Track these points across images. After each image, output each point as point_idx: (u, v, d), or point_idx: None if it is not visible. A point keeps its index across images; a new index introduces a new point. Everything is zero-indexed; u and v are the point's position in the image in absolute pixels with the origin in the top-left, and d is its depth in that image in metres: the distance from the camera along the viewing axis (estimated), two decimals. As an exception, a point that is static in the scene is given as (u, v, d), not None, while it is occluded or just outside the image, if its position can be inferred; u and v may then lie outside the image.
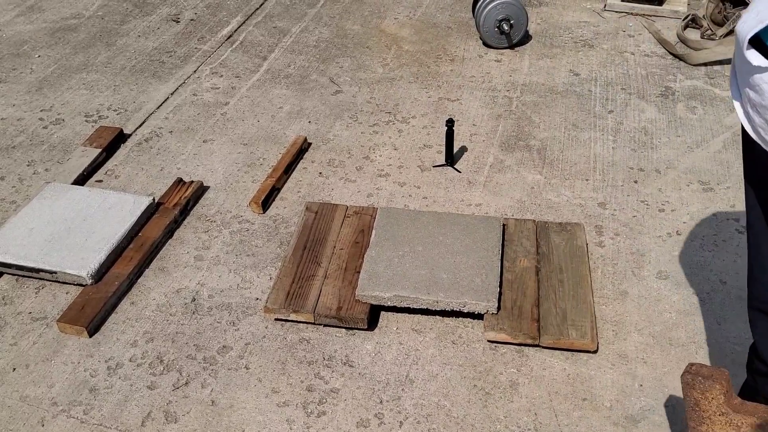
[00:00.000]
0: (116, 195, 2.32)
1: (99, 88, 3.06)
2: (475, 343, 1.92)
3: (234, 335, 1.95)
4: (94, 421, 1.74)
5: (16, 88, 3.07)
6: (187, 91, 3.04)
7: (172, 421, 1.74)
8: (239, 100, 2.97)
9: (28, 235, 2.16)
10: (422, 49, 3.29)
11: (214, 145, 2.71)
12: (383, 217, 2.18)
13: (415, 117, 2.84)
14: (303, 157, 2.64)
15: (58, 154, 2.68)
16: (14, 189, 2.51)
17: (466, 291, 1.92)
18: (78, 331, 1.94)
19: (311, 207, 2.30)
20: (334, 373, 1.84)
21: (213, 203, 2.43)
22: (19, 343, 1.95)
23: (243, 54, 3.30)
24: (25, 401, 1.80)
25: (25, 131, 2.81)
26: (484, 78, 3.06)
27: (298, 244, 2.16)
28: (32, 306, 2.06)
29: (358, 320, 1.92)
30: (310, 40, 3.40)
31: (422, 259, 2.02)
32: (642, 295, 2.03)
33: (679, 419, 1.71)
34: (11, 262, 2.08)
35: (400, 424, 1.72)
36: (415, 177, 2.52)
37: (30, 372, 1.87)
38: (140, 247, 2.18)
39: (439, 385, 1.81)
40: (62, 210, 2.25)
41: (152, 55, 3.31)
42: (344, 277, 2.04)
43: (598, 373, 1.82)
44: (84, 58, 3.28)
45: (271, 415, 1.75)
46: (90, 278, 2.04)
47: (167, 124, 2.84)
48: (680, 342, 1.90)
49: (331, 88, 3.04)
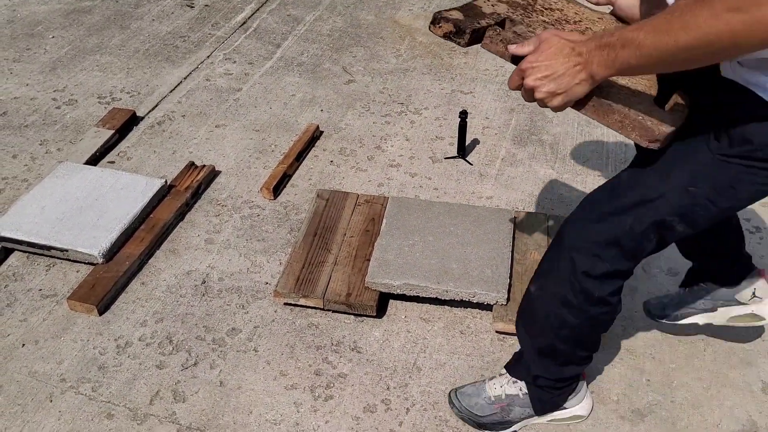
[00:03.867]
0: (128, 176, 2.32)
1: (112, 71, 3.07)
2: (483, 333, 1.92)
3: (243, 318, 1.96)
4: (102, 398, 1.75)
5: (30, 68, 3.07)
6: (200, 76, 3.04)
7: (180, 400, 1.75)
8: (252, 87, 2.97)
9: (40, 212, 2.16)
10: (436, 41, 3.29)
11: (226, 131, 2.71)
12: (394, 207, 2.19)
13: (428, 108, 2.84)
14: (314, 145, 2.64)
15: (71, 134, 2.68)
16: (26, 167, 2.51)
17: (476, 282, 1.92)
18: (88, 309, 1.95)
19: (322, 194, 2.30)
20: (342, 359, 1.85)
21: (224, 188, 2.43)
22: (29, 320, 1.96)
23: (256, 41, 3.30)
24: (34, 377, 1.81)
25: (38, 110, 2.81)
26: (498, 71, 3.05)
27: (308, 230, 2.16)
28: (42, 283, 2.07)
29: (367, 307, 1.92)
30: (323, 29, 3.40)
31: (433, 249, 2.02)
32: (651, 291, 2.03)
33: (686, 415, 1.71)
34: (23, 239, 2.09)
35: (407, 410, 1.73)
36: (427, 168, 2.53)
37: (39, 348, 1.88)
38: (151, 228, 2.19)
39: (447, 373, 1.81)
40: (74, 189, 2.26)
41: (166, 39, 3.31)
42: (354, 264, 2.04)
43: (605, 367, 1.83)
44: (98, 40, 3.29)
45: (278, 397, 1.75)
46: (101, 257, 2.04)
47: (180, 108, 2.84)
48: (688, 338, 1.90)
49: (343, 77, 3.04)
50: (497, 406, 1.64)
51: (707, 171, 1.20)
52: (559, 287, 1.39)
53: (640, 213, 1.27)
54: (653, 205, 1.26)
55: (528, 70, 1.12)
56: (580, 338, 1.48)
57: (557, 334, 1.45)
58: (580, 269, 1.34)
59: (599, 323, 1.45)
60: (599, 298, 1.37)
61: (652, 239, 1.30)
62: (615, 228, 1.30)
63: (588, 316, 1.40)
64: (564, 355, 1.50)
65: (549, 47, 1.10)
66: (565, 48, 1.09)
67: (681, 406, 1.74)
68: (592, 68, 1.08)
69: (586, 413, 1.69)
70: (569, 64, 1.09)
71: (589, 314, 1.40)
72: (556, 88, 1.10)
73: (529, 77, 1.12)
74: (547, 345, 1.49)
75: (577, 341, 1.48)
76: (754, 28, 0.89)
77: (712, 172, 1.20)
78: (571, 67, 1.09)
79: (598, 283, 1.35)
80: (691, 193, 1.22)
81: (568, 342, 1.47)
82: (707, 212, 1.24)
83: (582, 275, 1.34)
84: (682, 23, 0.95)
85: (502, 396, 1.64)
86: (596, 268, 1.33)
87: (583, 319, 1.41)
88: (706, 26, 0.93)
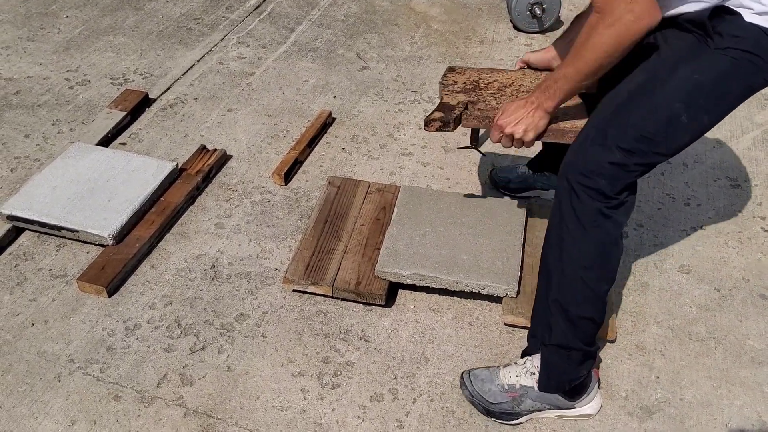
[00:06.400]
0: (140, 158, 2.32)
1: (126, 52, 3.06)
2: (492, 325, 1.91)
3: (252, 304, 1.96)
4: (110, 380, 1.76)
5: (44, 47, 3.07)
6: (213, 59, 3.02)
7: (187, 384, 1.75)
8: (265, 71, 2.95)
9: (51, 193, 2.16)
10: (451, 29, 3.26)
11: (238, 115, 2.70)
12: (406, 196, 2.17)
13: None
14: (327, 131, 2.63)
15: (83, 114, 2.68)
16: (38, 147, 2.51)
17: (486, 273, 1.91)
18: (97, 290, 1.95)
19: (333, 181, 2.29)
20: (349, 347, 1.85)
21: (235, 172, 2.42)
22: (39, 299, 1.96)
23: (270, 25, 3.28)
24: (43, 356, 1.81)
25: (50, 90, 2.81)
26: (513, 61, 3.02)
27: (319, 217, 2.15)
28: (53, 263, 2.07)
29: (377, 296, 1.91)
30: (338, 15, 3.37)
31: (443, 240, 2.01)
32: (663, 288, 2.02)
33: (695, 414, 1.70)
34: (34, 219, 2.09)
35: (414, 400, 1.72)
36: (439, 158, 2.51)
37: (48, 328, 1.89)
38: (162, 211, 2.18)
39: (455, 364, 1.81)
40: (86, 170, 2.26)
41: (180, 21, 3.29)
42: (364, 252, 2.03)
43: (614, 363, 1.81)
44: (112, 21, 3.28)
45: (286, 383, 1.75)
46: (111, 239, 2.04)
47: (192, 90, 2.83)
48: (699, 337, 1.88)
49: (357, 63, 3.02)
50: (509, 395, 1.64)
51: (710, 62, 1.43)
52: (572, 218, 1.49)
53: (652, 114, 1.45)
54: (662, 99, 1.45)
55: (504, 124, 1.64)
56: (592, 266, 1.51)
57: (571, 271, 1.52)
58: (585, 171, 1.47)
59: (609, 244, 1.51)
60: (608, 207, 1.47)
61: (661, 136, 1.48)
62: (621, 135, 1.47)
63: (598, 236, 1.49)
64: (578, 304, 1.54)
65: (511, 107, 1.64)
66: (521, 102, 1.64)
67: (690, 404, 1.72)
68: (544, 105, 1.59)
69: (594, 412, 1.68)
70: (528, 109, 1.61)
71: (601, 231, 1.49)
72: (525, 126, 1.62)
73: (506, 127, 1.63)
74: (562, 294, 1.54)
75: (594, 275, 1.52)
76: (623, 34, 1.38)
77: (714, 64, 1.43)
78: (530, 111, 1.61)
79: (608, 182, 1.45)
80: (697, 81, 1.43)
81: (586, 284, 1.51)
82: (708, 102, 1.44)
83: (589, 177, 1.45)
84: (585, 48, 1.43)
85: (516, 386, 1.64)
86: (603, 164, 1.45)
87: (592, 242, 1.49)
88: (599, 43, 1.41)
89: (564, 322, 1.54)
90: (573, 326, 1.54)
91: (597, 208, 1.46)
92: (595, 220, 1.47)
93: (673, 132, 1.46)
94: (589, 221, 1.47)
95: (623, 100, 1.48)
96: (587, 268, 1.50)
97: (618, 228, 1.50)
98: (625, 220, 1.51)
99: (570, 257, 1.51)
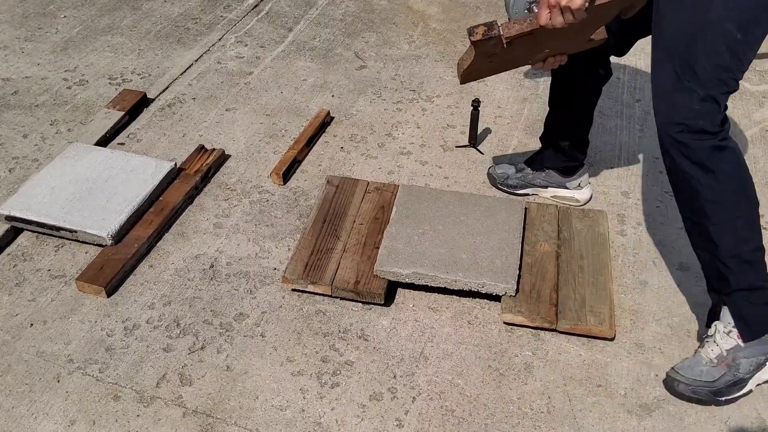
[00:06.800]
0: (138, 158, 2.32)
1: (123, 52, 3.06)
2: (491, 324, 1.91)
3: (251, 303, 1.96)
4: (109, 380, 1.76)
5: (41, 47, 3.07)
6: (211, 58, 3.02)
7: (186, 383, 1.75)
8: (263, 71, 2.95)
9: (49, 193, 2.16)
10: (449, 28, 3.26)
11: (236, 114, 2.70)
12: (404, 195, 2.17)
13: (440, 96, 2.81)
14: (325, 130, 2.63)
15: (81, 114, 2.68)
16: (36, 147, 2.51)
17: (485, 272, 1.91)
18: (96, 290, 1.95)
19: (332, 180, 2.29)
20: (348, 346, 1.85)
21: (234, 172, 2.42)
22: (37, 300, 1.96)
23: (268, 24, 3.27)
24: (42, 357, 1.81)
25: (48, 90, 2.81)
26: (510, 60, 3.02)
27: (317, 216, 2.15)
28: (51, 263, 2.07)
29: (376, 295, 1.91)
30: (336, 14, 3.37)
31: (442, 238, 2.01)
32: (662, 286, 2.02)
33: (693, 411, 1.70)
34: (32, 219, 2.09)
35: (413, 399, 1.72)
36: (438, 156, 2.51)
37: (47, 328, 1.89)
38: (160, 211, 2.18)
39: (454, 363, 1.81)
40: (84, 170, 2.25)
41: (177, 21, 3.29)
42: (363, 252, 2.03)
43: (614, 361, 1.82)
44: (109, 21, 3.27)
45: (285, 383, 1.75)
46: (110, 239, 2.04)
47: (190, 90, 2.83)
48: (698, 334, 1.88)
49: (355, 62, 3.02)
50: (723, 365, 1.63)
51: None
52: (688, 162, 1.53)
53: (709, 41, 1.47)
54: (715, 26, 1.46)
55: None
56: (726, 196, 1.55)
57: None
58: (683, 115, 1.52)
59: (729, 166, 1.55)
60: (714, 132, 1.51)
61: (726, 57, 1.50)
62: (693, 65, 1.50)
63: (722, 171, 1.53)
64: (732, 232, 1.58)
65: None
66: None
67: (689, 403, 1.72)
68: None
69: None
70: None
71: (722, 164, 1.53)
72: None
73: None
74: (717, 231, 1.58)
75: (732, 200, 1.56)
76: None
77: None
78: None
79: (707, 120, 1.49)
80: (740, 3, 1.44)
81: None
82: (754, 15, 1.45)
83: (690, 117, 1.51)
84: None
85: (723, 353, 1.63)
86: (693, 107, 1.48)
87: (725, 177, 1.53)
88: None
89: (738, 265, 1.57)
90: (749, 265, 1.57)
91: (710, 146, 1.50)
92: (714, 157, 1.50)
93: (738, 52, 1.48)
94: (711, 161, 1.51)
95: (681, 39, 1.49)
96: (736, 203, 1.54)
97: (735, 150, 1.54)
98: (734, 141, 1.56)
99: (715, 203, 1.54)
